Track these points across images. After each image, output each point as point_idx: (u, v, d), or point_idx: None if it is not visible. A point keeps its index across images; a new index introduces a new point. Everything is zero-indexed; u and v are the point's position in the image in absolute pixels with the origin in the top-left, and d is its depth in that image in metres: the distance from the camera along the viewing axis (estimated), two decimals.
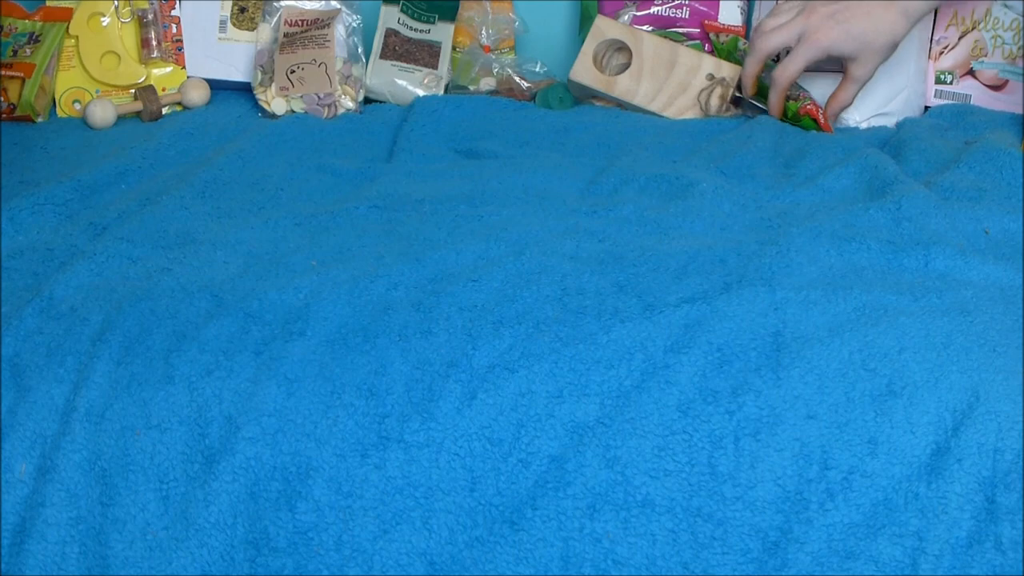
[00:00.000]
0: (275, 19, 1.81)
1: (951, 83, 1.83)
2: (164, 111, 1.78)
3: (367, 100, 1.83)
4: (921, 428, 1.03)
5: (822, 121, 1.64)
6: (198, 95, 1.79)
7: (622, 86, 1.79)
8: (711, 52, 1.83)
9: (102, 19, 1.80)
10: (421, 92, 1.82)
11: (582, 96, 1.83)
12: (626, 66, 1.80)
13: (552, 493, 1.05)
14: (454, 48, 1.87)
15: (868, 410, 1.04)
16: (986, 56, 1.80)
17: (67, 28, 1.79)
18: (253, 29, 1.83)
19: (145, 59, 1.81)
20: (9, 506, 1.10)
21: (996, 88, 1.80)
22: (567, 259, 1.21)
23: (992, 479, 1.01)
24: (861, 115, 1.76)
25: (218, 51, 1.84)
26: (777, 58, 1.72)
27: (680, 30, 1.86)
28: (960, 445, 1.02)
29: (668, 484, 1.04)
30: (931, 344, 1.07)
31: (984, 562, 1.00)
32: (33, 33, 1.79)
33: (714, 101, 1.79)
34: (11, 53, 1.77)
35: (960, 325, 1.09)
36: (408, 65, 1.83)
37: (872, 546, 1.01)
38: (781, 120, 1.64)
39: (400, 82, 1.83)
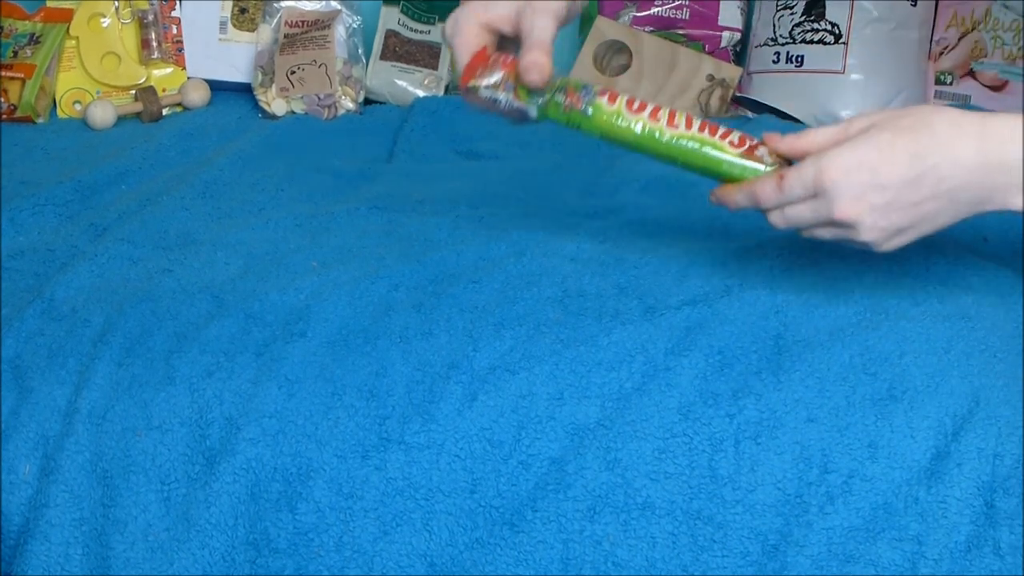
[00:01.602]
0: (275, 20, 1.81)
1: (951, 83, 1.83)
2: (164, 112, 1.78)
3: (367, 101, 1.83)
4: (921, 432, 1.03)
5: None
6: (198, 96, 1.79)
7: (622, 87, 1.79)
8: (712, 53, 1.84)
9: (102, 20, 1.80)
10: (421, 93, 1.82)
11: None
12: (626, 67, 1.80)
13: (552, 495, 1.05)
14: None
15: (868, 414, 1.04)
16: (986, 57, 1.81)
17: (67, 29, 1.80)
18: (253, 30, 1.84)
19: (145, 60, 1.81)
20: (13, 507, 1.10)
21: (996, 89, 1.81)
22: (568, 260, 1.21)
23: (992, 484, 1.01)
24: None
25: (218, 52, 1.84)
26: None
27: (680, 31, 1.86)
28: (960, 450, 1.02)
29: (668, 487, 1.04)
30: (932, 349, 1.07)
31: (983, 566, 1.00)
32: (34, 34, 1.79)
33: (714, 102, 1.79)
34: (11, 54, 1.77)
35: (961, 330, 1.09)
36: (408, 66, 1.83)
37: (872, 550, 1.01)
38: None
39: (400, 83, 1.83)
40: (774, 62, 1.82)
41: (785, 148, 1.02)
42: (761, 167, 1.03)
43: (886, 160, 0.95)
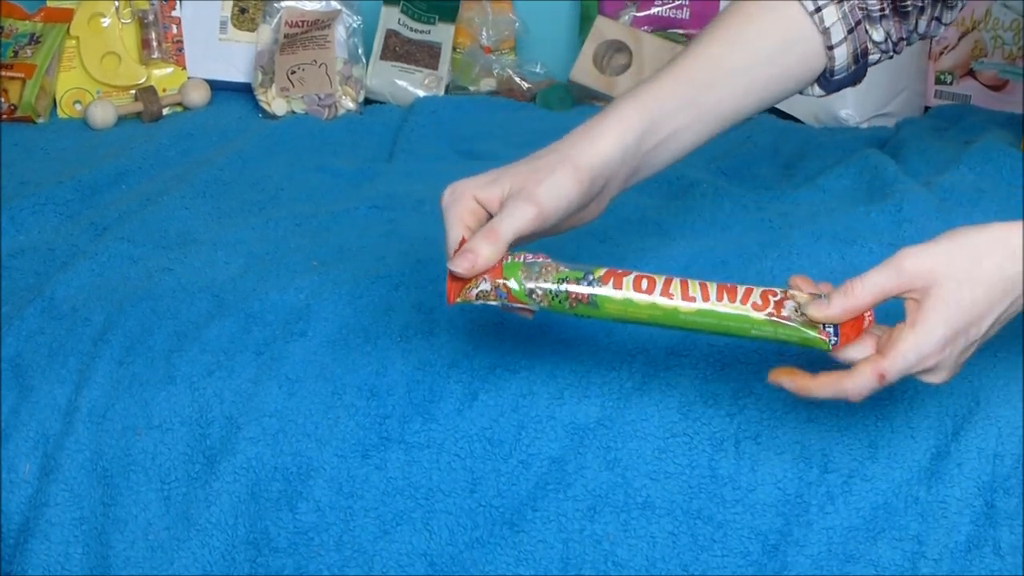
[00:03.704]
0: (275, 20, 1.81)
1: (951, 83, 1.83)
2: (164, 112, 1.78)
3: (367, 101, 1.83)
4: (921, 432, 1.03)
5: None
6: (198, 96, 1.79)
7: (622, 87, 1.79)
8: None
9: (103, 20, 1.80)
10: (421, 93, 1.82)
11: (582, 97, 1.84)
12: (626, 67, 1.80)
13: (552, 495, 1.05)
14: (454, 49, 1.87)
15: (868, 414, 1.04)
16: (986, 56, 1.81)
17: (68, 29, 1.79)
18: (253, 30, 1.84)
19: (145, 60, 1.81)
20: (13, 506, 1.10)
21: (996, 88, 1.81)
22: (568, 259, 1.21)
23: (992, 483, 1.01)
24: (861, 115, 1.76)
25: (218, 52, 1.84)
26: None
27: (680, 31, 1.86)
28: (960, 449, 1.02)
29: (668, 486, 1.04)
30: None
31: (983, 566, 1.00)
32: (34, 34, 1.79)
33: None
34: (12, 54, 1.77)
35: None
36: (408, 66, 1.83)
37: (872, 549, 1.01)
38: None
39: (400, 83, 1.83)
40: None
41: (838, 314, 0.91)
42: (793, 326, 0.92)
43: (975, 321, 0.92)
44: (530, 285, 0.94)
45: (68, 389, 1.13)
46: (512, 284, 0.94)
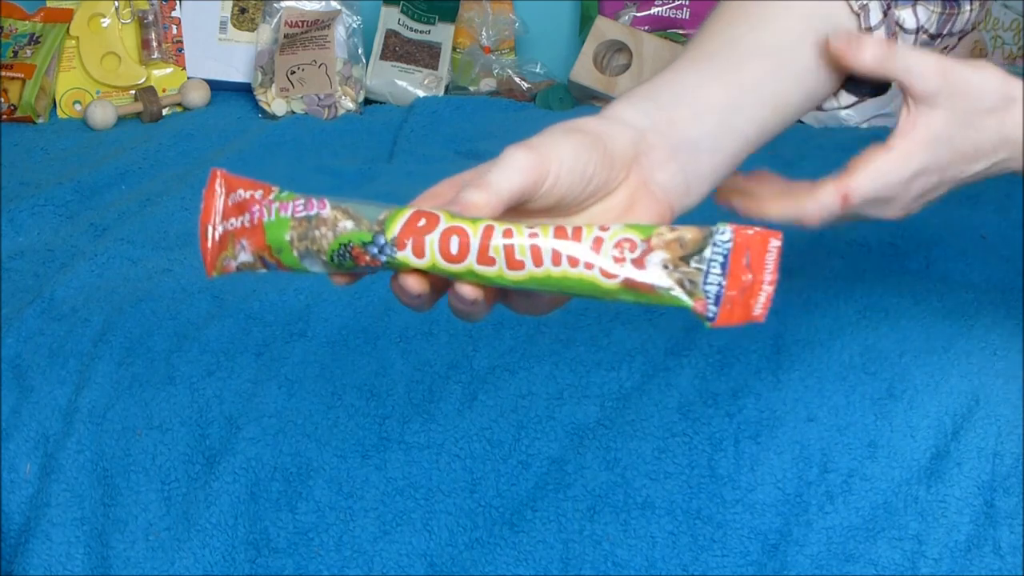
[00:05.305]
0: (275, 20, 1.81)
1: None
2: (164, 112, 1.78)
3: (367, 101, 1.83)
4: (921, 431, 1.03)
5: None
6: (198, 96, 1.79)
7: (622, 87, 1.79)
8: None
9: (102, 20, 1.80)
10: (421, 93, 1.82)
11: (582, 97, 1.84)
12: (626, 67, 1.80)
13: (552, 495, 1.05)
14: (454, 49, 1.87)
15: (868, 413, 1.04)
16: (986, 56, 1.80)
17: (67, 29, 1.80)
18: (253, 30, 1.84)
19: (145, 60, 1.81)
20: (14, 506, 1.11)
21: None
22: None
23: (991, 483, 1.01)
24: (861, 115, 1.76)
25: (218, 52, 1.84)
26: None
27: (680, 31, 1.86)
28: (960, 449, 1.02)
29: (668, 486, 1.04)
30: (932, 348, 1.07)
31: (983, 566, 1.00)
32: (33, 34, 1.79)
33: None
34: (11, 54, 1.78)
35: (961, 329, 1.09)
36: (408, 66, 1.84)
37: (871, 549, 1.01)
38: None
39: (400, 83, 1.83)
40: None
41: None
42: (659, 294, 0.69)
43: (959, 161, 0.83)
44: (302, 248, 0.71)
45: (68, 390, 1.13)
46: (279, 251, 0.71)
